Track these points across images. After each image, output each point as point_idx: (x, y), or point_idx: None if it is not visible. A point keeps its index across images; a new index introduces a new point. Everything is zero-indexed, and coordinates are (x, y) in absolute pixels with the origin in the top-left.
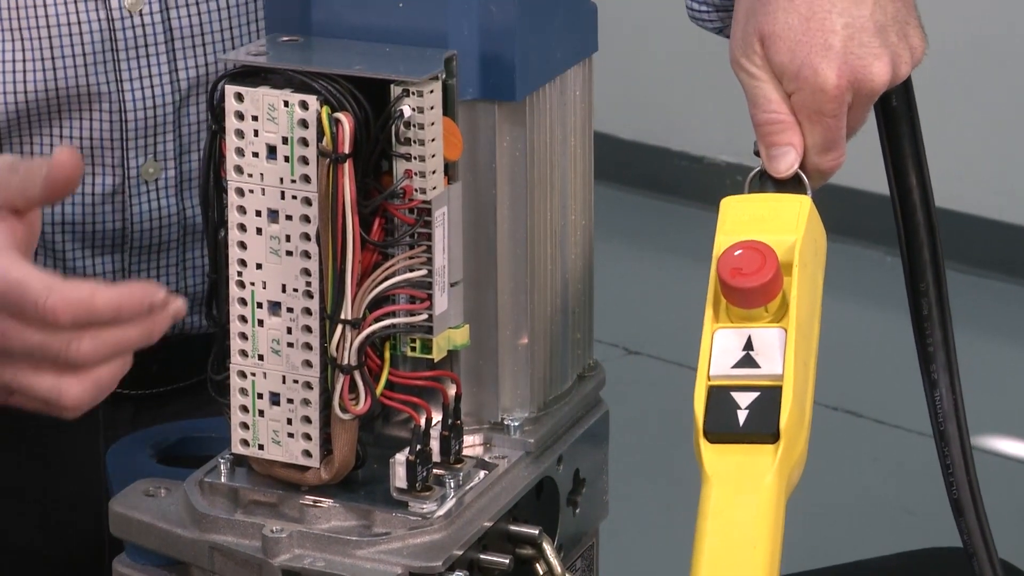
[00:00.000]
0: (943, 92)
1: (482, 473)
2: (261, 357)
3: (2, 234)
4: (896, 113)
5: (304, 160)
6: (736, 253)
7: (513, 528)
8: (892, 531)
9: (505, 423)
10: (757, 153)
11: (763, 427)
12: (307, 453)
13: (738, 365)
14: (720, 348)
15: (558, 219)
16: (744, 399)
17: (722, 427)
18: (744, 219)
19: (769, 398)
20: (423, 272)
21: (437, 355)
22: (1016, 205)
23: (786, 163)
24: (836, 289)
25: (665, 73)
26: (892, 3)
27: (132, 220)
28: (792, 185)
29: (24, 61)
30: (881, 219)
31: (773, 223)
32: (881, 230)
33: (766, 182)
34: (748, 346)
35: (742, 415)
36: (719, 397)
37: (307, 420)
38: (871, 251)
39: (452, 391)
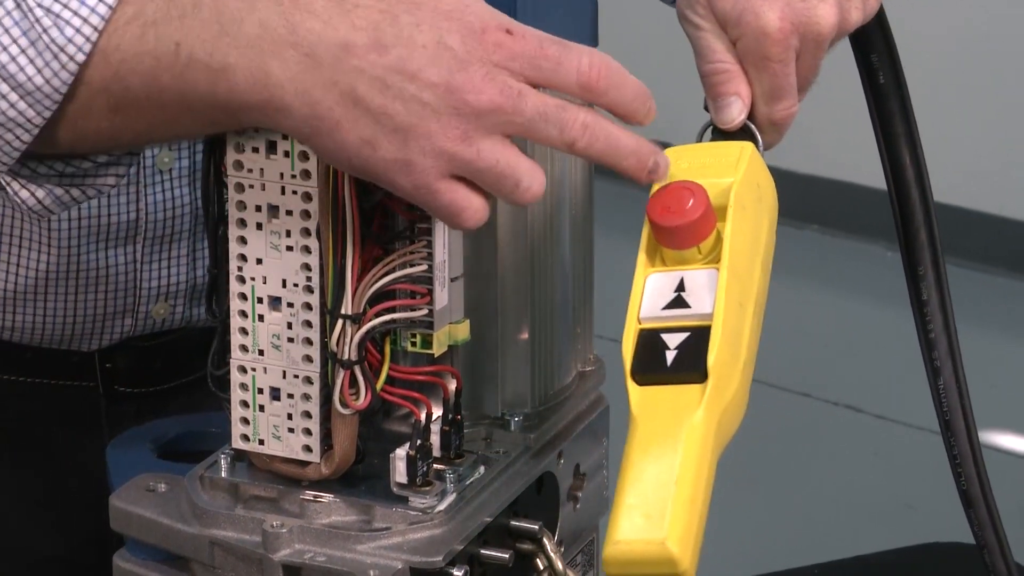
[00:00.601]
0: (942, 87)
1: (482, 468)
2: (261, 352)
3: None
4: (885, 90)
5: (304, 155)
6: (665, 193)
7: (514, 523)
8: (893, 526)
9: (506, 418)
10: (707, 108)
11: (691, 366)
12: (307, 448)
13: (668, 307)
14: (651, 291)
15: (558, 214)
16: (673, 340)
17: (650, 369)
18: (684, 166)
19: (698, 338)
20: (423, 267)
21: (437, 350)
22: (1017, 200)
23: (732, 113)
24: (835, 284)
25: (664, 68)
26: None
27: (146, 211)
28: (741, 137)
29: None
30: (881, 214)
31: (712, 168)
32: (881, 225)
33: (716, 136)
34: (680, 288)
35: (670, 356)
36: (648, 340)
37: (307, 415)
38: (871, 246)
39: (452, 386)
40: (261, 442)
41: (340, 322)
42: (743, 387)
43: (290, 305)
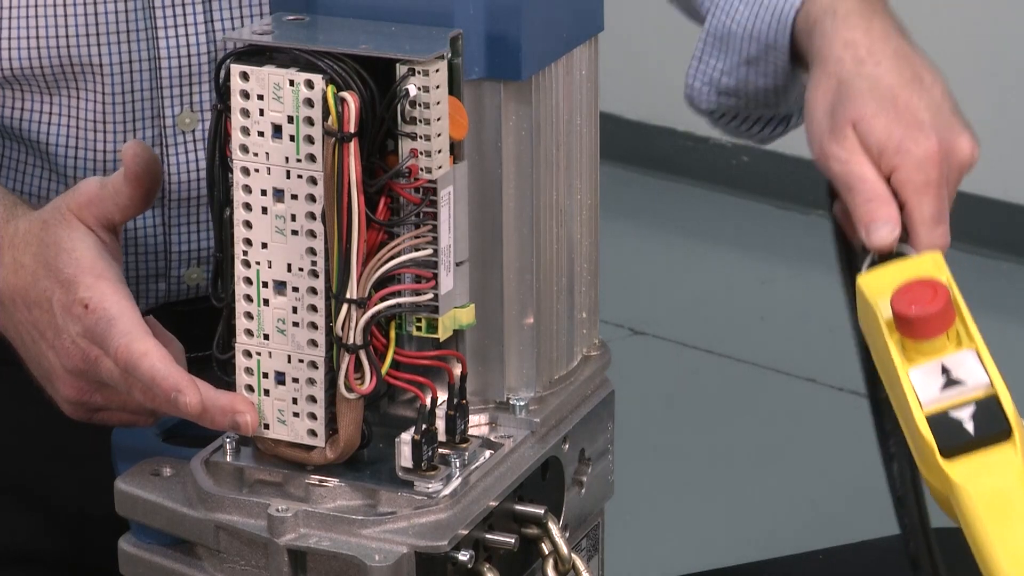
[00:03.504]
0: (947, 71)
1: (487, 452)
2: (267, 336)
3: (108, 261)
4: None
5: (310, 139)
6: (906, 293)
7: (519, 508)
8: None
9: (511, 402)
10: (863, 249)
11: (995, 427)
12: (312, 432)
13: (945, 388)
14: (920, 382)
15: (564, 199)
16: (964, 413)
17: (955, 441)
18: (888, 283)
19: (987, 405)
20: (429, 251)
21: (443, 334)
22: (1022, 185)
23: (889, 231)
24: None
25: (671, 53)
26: (949, 96)
27: (171, 172)
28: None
29: (65, 6)
30: None
31: (918, 275)
32: None
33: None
34: (945, 372)
35: (969, 426)
36: (940, 420)
37: (312, 399)
38: None
39: (457, 370)
40: (266, 426)
41: (345, 306)
42: None
43: (295, 289)
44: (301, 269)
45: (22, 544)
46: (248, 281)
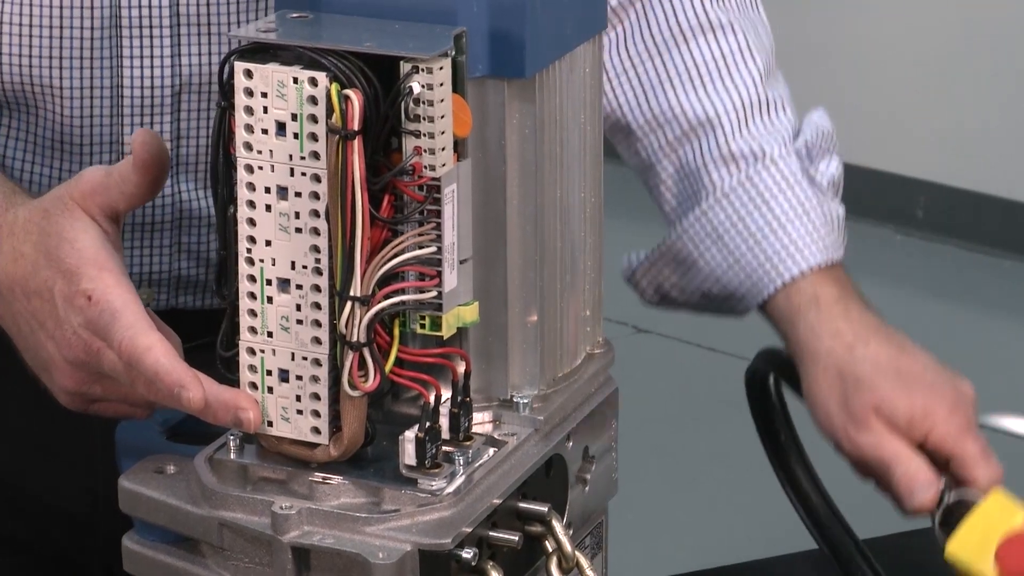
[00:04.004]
0: (951, 70)
1: (491, 450)
2: (270, 334)
3: (110, 252)
4: (784, 447)
5: (313, 137)
6: (1007, 553)
7: (522, 505)
8: (898, 510)
9: (514, 400)
10: (942, 528)
11: None
12: (316, 430)
13: None
14: None
15: (567, 196)
16: None
17: None
18: (978, 542)
19: None
20: (432, 249)
21: (446, 332)
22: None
23: (928, 494)
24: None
25: None
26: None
27: None
28: (960, 509)
29: (31, 27)
30: (889, 198)
31: (999, 523)
32: (889, 209)
33: (946, 529)
34: None
35: None
36: None
37: (316, 397)
38: (879, 229)
39: (461, 368)
40: (270, 424)
41: (349, 304)
42: None
43: (299, 287)
44: (305, 267)
45: (16, 542)
46: (252, 279)
